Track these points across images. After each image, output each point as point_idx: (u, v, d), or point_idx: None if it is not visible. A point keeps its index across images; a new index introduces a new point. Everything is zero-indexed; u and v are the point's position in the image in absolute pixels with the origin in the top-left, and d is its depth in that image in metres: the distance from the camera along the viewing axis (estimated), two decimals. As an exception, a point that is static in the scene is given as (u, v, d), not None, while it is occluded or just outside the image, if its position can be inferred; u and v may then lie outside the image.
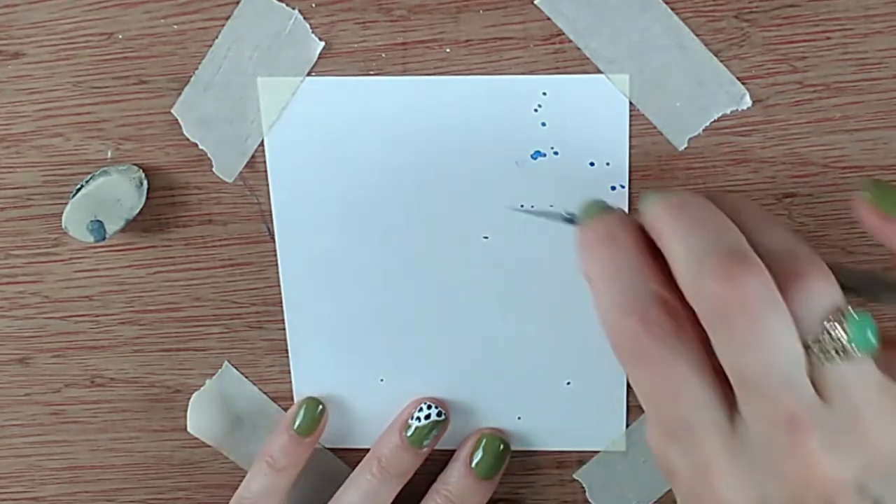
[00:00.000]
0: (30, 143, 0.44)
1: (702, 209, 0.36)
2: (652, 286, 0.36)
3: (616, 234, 0.37)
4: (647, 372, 0.36)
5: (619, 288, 0.36)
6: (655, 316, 0.35)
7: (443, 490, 0.46)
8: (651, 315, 0.35)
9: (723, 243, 0.34)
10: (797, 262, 0.35)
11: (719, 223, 0.35)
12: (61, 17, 0.42)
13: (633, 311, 0.35)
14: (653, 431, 0.38)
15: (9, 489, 0.51)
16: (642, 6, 0.40)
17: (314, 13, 0.41)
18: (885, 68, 0.40)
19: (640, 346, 0.35)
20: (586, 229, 0.38)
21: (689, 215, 0.36)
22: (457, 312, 0.45)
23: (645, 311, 0.35)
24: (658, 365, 0.35)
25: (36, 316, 0.47)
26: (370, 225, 0.44)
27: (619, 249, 0.37)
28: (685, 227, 0.35)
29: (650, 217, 0.37)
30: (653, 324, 0.35)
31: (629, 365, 0.36)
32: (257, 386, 0.48)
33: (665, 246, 0.36)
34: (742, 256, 0.34)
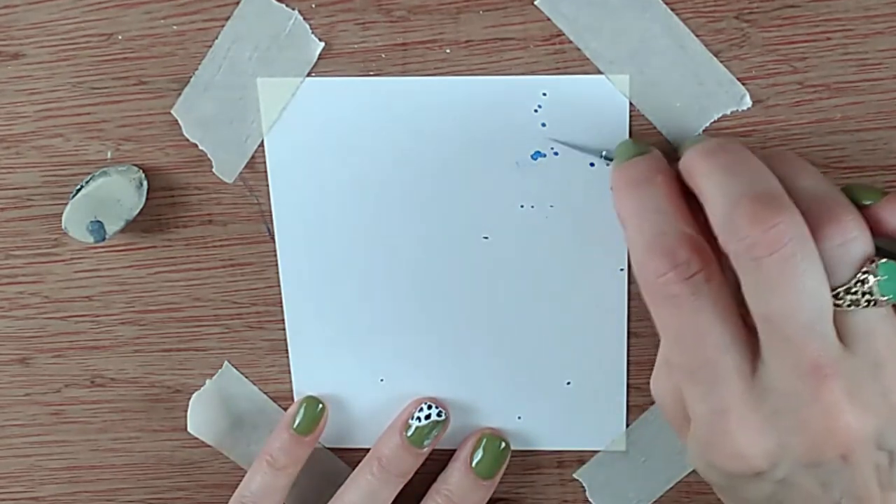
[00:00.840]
0: (30, 144, 0.44)
1: (738, 153, 0.36)
2: (682, 227, 0.36)
3: (649, 176, 0.37)
4: (673, 311, 0.36)
5: (649, 228, 0.36)
6: (684, 256, 0.35)
7: (443, 490, 0.46)
8: (679, 255, 0.35)
9: (757, 186, 0.34)
10: (832, 207, 0.35)
11: (755, 167, 0.35)
12: (61, 17, 0.42)
13: (661, 250, 0.35)
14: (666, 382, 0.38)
15: (9, 489, 0.51)
16: (642, 7, 0.40)
17: (314, 14, 0.41)
18: (886, 69, 0.40)
19: (667, 284, 0.35)
20: (620, 170, 0.38)
21: (725, 158, 0.36)
22: (457, 312, 0.45)
23: (673, 250, 0.35)
24: (683, 305, 0.35)
25: (36, 316, 0.47)
26: (370, 225, 0.44)
27: (651, 190, 0.37)
28: (721, 168, 0.36)
29: (686, 160, 0.37)
30: (681, 263, 0.35)
31: (655, 304, 0.36)
32: (257, 386, 0.48)
33: (700, 187, 0.36)
34: (776, 199, 0.34)
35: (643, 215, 0.37)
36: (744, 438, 0.36)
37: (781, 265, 0.33)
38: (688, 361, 0.36)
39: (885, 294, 0.34)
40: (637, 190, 0.37)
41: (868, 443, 0.35)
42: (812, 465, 0.35)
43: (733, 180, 0.35)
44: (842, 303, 0.34)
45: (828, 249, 0.34)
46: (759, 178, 0.35)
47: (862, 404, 0.34)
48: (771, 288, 0.34)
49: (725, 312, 0.35)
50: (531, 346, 0.46)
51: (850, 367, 0.34)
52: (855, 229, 0.35)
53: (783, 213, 0.33)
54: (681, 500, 0.48)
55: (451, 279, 0.45)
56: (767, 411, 0.35)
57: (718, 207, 0.35)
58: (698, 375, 0.36)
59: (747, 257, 0.34)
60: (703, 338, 0.35)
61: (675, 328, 0.36)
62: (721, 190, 0.35)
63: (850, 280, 0.34)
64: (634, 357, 0.45)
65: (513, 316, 0.45)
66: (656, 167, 0.38)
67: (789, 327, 0.34)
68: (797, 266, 0.33)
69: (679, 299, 0.35)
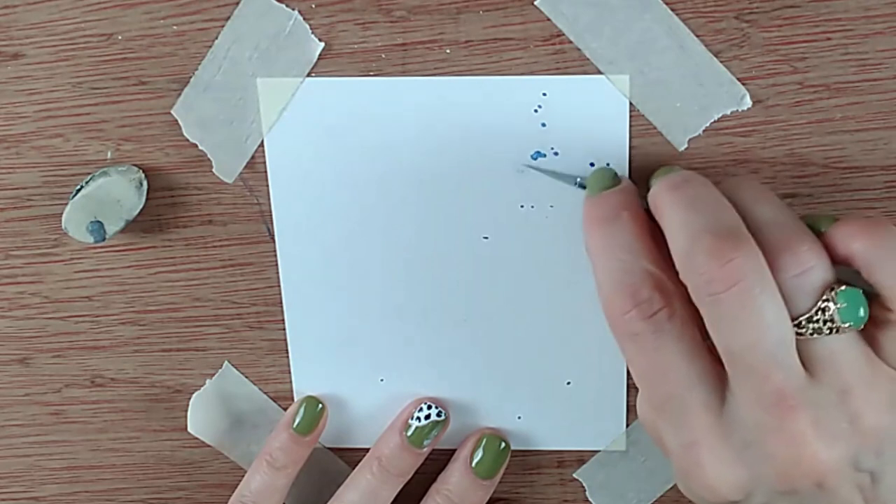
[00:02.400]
0: (30, 144, 0.44)
1: (700, 188, 0.37)
2: (645, 265, 0.37)
3: (616, 213, 0.38)
4: (636, 348, 0.36)
5: (614, 265, 0.37)
6: (646, 294, 0.36)
7: (443, 490, 0.46)
8: (642, 294, 0.36)
9: (718, 222, 0.35)
10: (789, 237, 0.35)
11: (716, 202, 0.36)
12: (61, 17, 0.42)
13: (624, 288, 0.36)
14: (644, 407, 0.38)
15: (9, 489, 0.51)
16: (642, 7, 0.40)
17: (314, 14, 0.41)
18: (886, 69, 0.40)
19: (630, 322, 0.36)
20: (589, 205, 0.39)
21: (688, 193, 0.36)
22: (457, 312, 0.45)
23: (636, 289, 0.36)
24: (647, 343, 0.36)
25: (36, 316, 0.47)
26: (370, 225, 0.44)
27: (617, 227, 0.38)
28: (681, 204, 0.36)
29: (652, 194, 0.38)
30: (643, 302, 0.36)
31: (621, 340, 0.37)
32: (257, 386, 0.48)
33: (663, 222, 0.37)
34: (735, 235, 0.34)
35: (609, 253, 0.37)
36: (715, 471, 0.36)
37: (740, 299, 0.34)
38: (655, 396, 0.37)
39: (846, 321, 0.34)
40: (603, 227, 0.38)
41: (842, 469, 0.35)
42: (787, 493, 0.35)
43: (692, 216, 0.35)
44: (804, 332, 0.35)
45: (786, 280, 0.34)
46: (718, 214, 0.35)
47: (829, 433, 0.34)
48: (731, 322, 0.34)
49: (690, 348, 0.36)
50: (531, 345, 0.46)
51: (815, 397, 0.35)
52: (812, 258, 0.35)
53: (740, 248, 0.34)
54: (681, 500, 0.48)
55: (451, 279, 0.45)
56: (737, 443, 0.36)
57: (678, 243, 0.35)
58: (666, 410, 0.37)
59: (706, 292, 0.34)
60: (667, 374, 0.36)
61: (640, 365, 0.37)
62: (681, 225, 0.36)
63: (811, 309, 0.34)
64: (634, 357, 0.45)
65: (513, 316, 0.45)
66: (624, 202, 0.38)
67: (752, 359, 0.34)
68: (755, 299, 0.34)
69: (642, 337, 0.36)
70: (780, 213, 0.37)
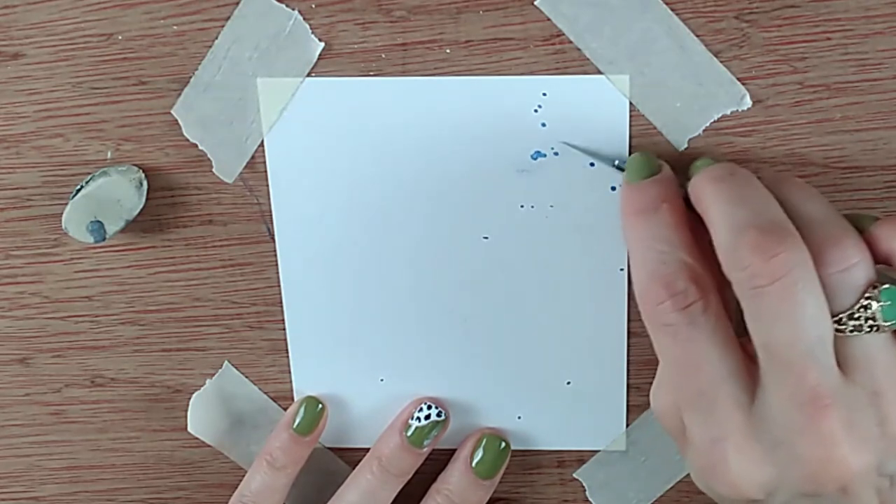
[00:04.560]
0: (30, 144, 0.44)
1: (744, 181, 0.36)
2: (682, 256, 0.36)
3: (657, 204, 0.38)
4: (670, 340, 0.36)
5: (651, 256, 0.37)
6: (682, 286, 0.36)
7: (443, 490, 0.46)
8: (678, 285, 0.36)
9: (763, 216, 0.35)
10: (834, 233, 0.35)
11: (760, 195, 0.36)
12: (61, 17, 0.42)
13: (660, 278, 0.36)
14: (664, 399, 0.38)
15: (9, 489, 0.51)
16: (642, 7, 0.40)
17: (314, 14, 0.41)
18: (886, 69, 0.40)
19: (665, 313, 0.36)
20: (628, 194, 0.39)
21: (732, 187, 0.36)
22: (457, 312, 0.45)
23: (672, 280, 0.36)
24: (680, 334, 0.36)
25: (36, 316, 0.47)
26: (370, 225, 0.44)
27: (656, 219, 0.37)
28: (727, 198, 0.36)
29: (694, 185, 0.38)
30: (679, 293, 0.36)
31: (654, 331, 0.37)
32: (257, 386, 0.48)
33: (706, 214, 0.36)
34: (781, 230, 0.34)
35: (647, 243, 0.37)
36: (740, 469, 0.36)
37: (783, 293, 0.33)
38: (686, 389, 0.37)
39: (889, 319, 0.34)
40: (642, 218, 0.38)
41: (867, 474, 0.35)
42: (810, 495, 0.35)
43: (738, 209, 0.35)
44: (844, 328, 0.34)
45: (830, 275, 0.34)
46: (764, 208, 0.35)
47: (859, 436, 0.34)
48: (772, 316, 0.34)
49: (724, 342, 0.36)
50: (531, 345, 0.46)
51: (848, 397, 0.34)
52: (857, 255, 0.35)
53: (785, 242, 0.34)
54: (681, 500, 0.48)
55: (451, 279, 0.45)
56: (765, 442, 0.35)
57: (722, 236, 0.35)
58: (696, 403, 0.36)
59: (749, 286, 0.34)
60: (700, 368, 0.36)
61: (673, 356, 0.36)
62: (726, 218, 0.35)
63: (853, 305, 0.34)
64: (634, 357, 0.45)
65: (513, 316, 0.45)
66: (664, 193, 0.38)
67: (789, 355, 0.34)
68: (798, 294, 0.33)
69: (676, 328, 0.36)
70: (825, 210, 0.36)
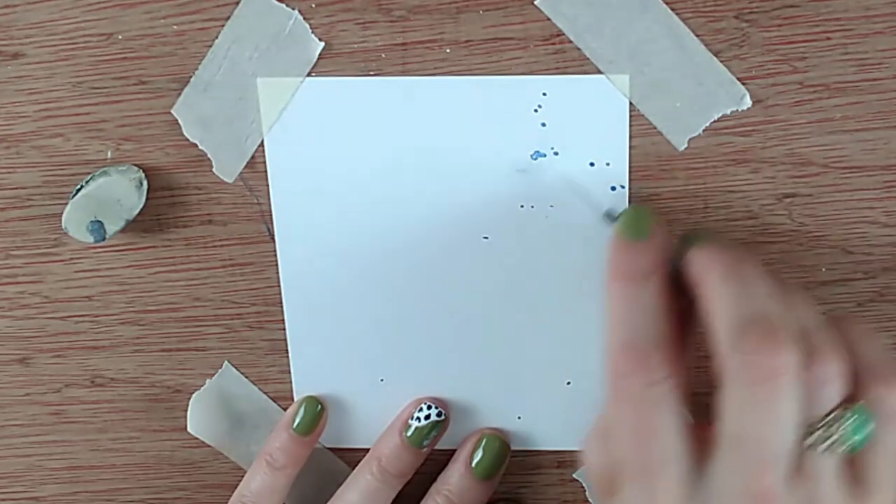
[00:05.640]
0: (30, 144, 0.44)
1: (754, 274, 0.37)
2: (661, 331, 0.37)
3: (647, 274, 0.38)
4: (630, 409, 0.37)
5: (630, 325, 0.37)
6: (654, 361, 0.36)
7: (443, 490, 0.46)
8: (651, 360, 0.36)
9: (770, 313, 0.35)
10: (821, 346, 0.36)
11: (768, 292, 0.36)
12: (61, 17, 0.42)
13: (634, 350, 0.37)
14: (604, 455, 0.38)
15: (9, 489, 0.51)
16: (642, 7, 0.40)
17: (314, 13, 0.41)
18: (886, 68, 0.40)
19: (632, 385, 0.36)
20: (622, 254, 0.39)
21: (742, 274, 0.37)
22: (457, 312, 0.45)
23: (646, 355, 0.37)
24: (642, 407, 0.36)
25: (36, 316, 0.47)
26: (370, 225, 0.44)
27: (645, 290, 0.38)
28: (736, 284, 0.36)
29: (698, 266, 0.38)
30: (651, 370, 0.36)
31: (616, 398, 0.37)
32: (257, 386, 0.48)
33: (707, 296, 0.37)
34: (787, 332, 0.35)
35: (628, 312, 0.38)
36: None
37: (773, 393, 0.34)
38: (634, 458, 0.37)
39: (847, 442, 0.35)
40: (630, 285, 0.38)
41: None
42: None
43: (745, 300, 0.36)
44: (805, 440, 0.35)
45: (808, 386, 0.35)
46: (771, 304, 0.36)
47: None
48: (752, 411, 0.34)
49: (681, 422, 0.36)
50: (531, 346, 0.46)
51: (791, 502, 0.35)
52: (838, 374, 0.36)
53: (789, 346, 0.34)
54: (681, 500, 0.48)
55: (451, 279, 0.45)
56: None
57: (725, 320, 0.36)
58: (641, 474, 0.37)
59: (744, 374, 0.35)
60: (653, 441, 0.36)
61: (630, 425, 0.37)
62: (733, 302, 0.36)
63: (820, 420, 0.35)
64: (634, 357, 0.45)
65: (513, 316, 0.45)
66: (655, 262, 0.38)
67: (756, 451, 0.34)
68: (786, 399, 0.34)
69: (639, 399, 0.36)
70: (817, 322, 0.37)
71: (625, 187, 0.42)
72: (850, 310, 0.45)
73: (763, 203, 0.43)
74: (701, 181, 0.43)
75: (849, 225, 0.43)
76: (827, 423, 0.35)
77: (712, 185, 0.43)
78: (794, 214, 0.43)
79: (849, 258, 0.44)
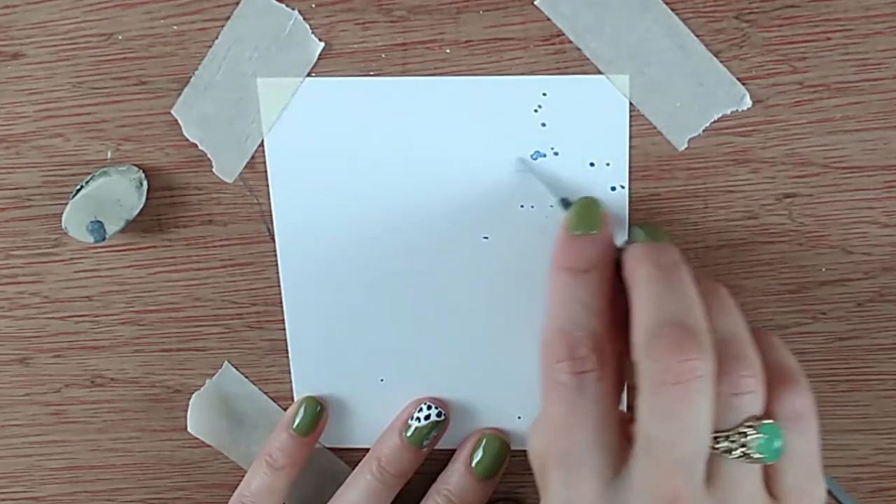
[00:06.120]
0: (30, 144, 0.44)
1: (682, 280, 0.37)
2: (594, 324, 0.37)
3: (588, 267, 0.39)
4: (557, 397, 0.37)
5: (565, 314, 0.38)
6: (584, 352, 0.37)
7: (443, 490, 0.46)
8: (580, 350, 0.37)
9: (689, 319, 0.35)
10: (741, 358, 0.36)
11: (692, 299, 0.36)
12: (61, 17, 0.42)
13: (566, 338, 0.37)
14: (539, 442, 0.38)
15: (9, 489, 0.51)
16: (642, 7, 0.40)
17: (314, 14, 0.41)
18: (886, 69, 0.40)
19: (560, 372, 0.37)
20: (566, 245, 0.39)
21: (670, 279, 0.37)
22: (457, 312, 0.45)
23: (577, 343, 0.37)
24: (566, 396, 0.37)
25: (36, 316, 0.47)
26: (370, 225, 0.44)
27: (583, 282, 0.38)
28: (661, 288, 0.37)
29: (633, 260, 0.38)
30: (578, 358, 0.37)
31: (545, 384, 0.38)
32: (257, 386, 0.48)
33: (635, 293, 0.37)
34: (701, 338, 0.35)
35: (565, 301, 0.38)
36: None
37: (682, 397, 0.34)
38: (555, 445, 0.37)
39: (761, 453, 0.35)
40: (569, 275, 0.38)
41: None
42: None
43: (667, 302, 0.36)
44: (718, 448, 0.35)
45: (722, 394, 0.35)
46: (691, 311, 0.36)
47: None
48: (665, 414, 0.35)
49: (604, 415, 0.36)
50: (531, 346, 0.45)
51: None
52: (753, 385, 0.36)
53: (701, 351, 0.34)
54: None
55: (451, 279, 0.45)
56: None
57: (646, 320, 0.36)
58: (560, 461, 0.37)
59: (654, 378, 0.35)
60: (574, 431, 0.36)
61: (553, 415, 0.37)
62: (655, 306, 0.36)
63: (732, 429, 0.35)
64: (634, 357, 0.45)
65: (513, 316, 0.45)
66: (597, 256, 0.39)
67: (667, 455, 0.35)
68: (695, 403, 0.34)
69: (565, 388, 0.37)
70: (740, 331, 0.37)
71: (625, 187, 0.43)
72: (849, 310, 0.45)
73: (763, 203, 0.43)
74: (701, 181, 0.43)
75: (849, 225, 0.43)
76: (741, 432, 0.35)
77: (712, 185, 0.43)
78: (794, 214, 0.43)
79: (849, 258, 0.44)
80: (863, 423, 0.47)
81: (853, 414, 0.47)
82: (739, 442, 0.35)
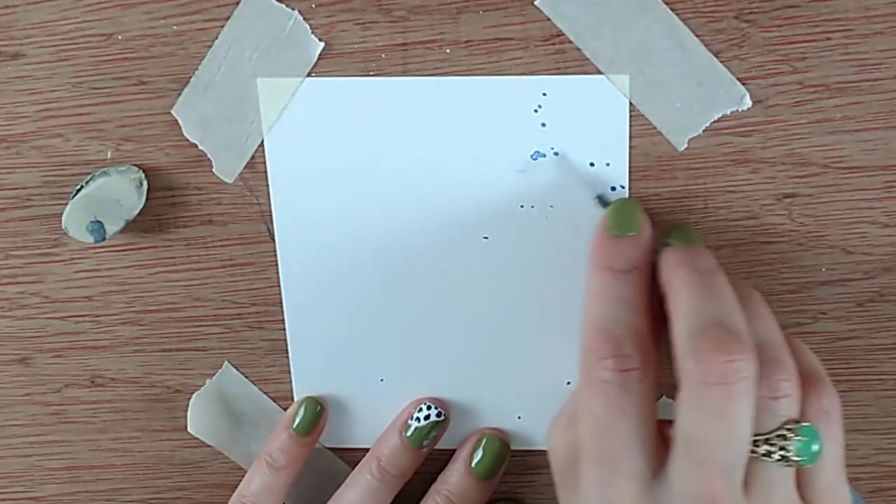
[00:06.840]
0: (30, 144, 0.44)
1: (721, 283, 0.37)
2: (637, 324, 0.37)
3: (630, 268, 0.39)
4: (598, 395, 0.37)
5: (608, 312, 0.38)
6: (628, 350, 0.37)
7: (443, 490, 0.46)
8: (625, 347, 0.37)
9: (729, 318, 0.36)
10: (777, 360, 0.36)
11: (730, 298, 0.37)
12: (61, 17, 0.42)
13: (610, 336, 0.37)
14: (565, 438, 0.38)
15: (9, 489, 0.51)
16: (642, 7, 0.40)
17: (314, 14, 0.41)
18: (886, 69, 0.40)
19: (603, 369, 0.37)
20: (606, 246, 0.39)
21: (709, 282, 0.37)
22: (457, 312, 0.45)
23: (621, 341, 0.37)
24: (610, 394, 0.37)
25: (36, 316, 0.47)
26: (370, 225, 0.44)
27: (624, 281, 0.38)
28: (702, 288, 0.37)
29: (670, 266, 0.38)
30: (623, 355, 0.37)
31: (586, 383, 0.38)
32: (257, 386, 0.48)
33: (674, 297, 0.37)
34: (742, 336, 0.35)
35: (607, 300, 0.38)
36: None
37: (725, 398, 0.34)
38: (595, 443, 0.37)
39: (799, 456, 0.35)
40: (611, 275, 0.39)
41: None
42: None
43: (709, 304, 0.36)
44: (758, 451, 0.35)
45: (761, 398, 0.35)
46: (733, 311, 0.36)
47: None
48: (706, 415, 0.35)
49: (645, 416, 0.36)
50: (531, 345, 0.46)
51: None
52: (791, 389, 0.36)
53: (745, 353, 0.35)
54: (681, 500, 0.48)
55: (451, 279, 0.45)
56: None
57: (688, 322, 0.36)
58: (600, 460, 0.37)
59: (698, 379, 0.35)
60: (616, 431, 0.36)
61: (595, 412, 0.37)
62: (695, 307, 0.36)
63: (772, 432, 0.36)
64: (634, 357, 0.45)
65: (513, 316, 0.45)
66: (638, 258, 0.39)
67: (708, 457, 0.35)
68: (738, 404, 0.34)
69: (608, 387, 0.36)
70: (776, 335, 0.38)
71: (625, 187, 0.43)
72: (850, 310, 0.45)
73: (763, 203, 0.43)
74: (701, 181, 0.43)
75: (849, 225, 0.43)
76: (780, 435, 0.35)
77: (712, 185, 0.43)
78: (794, 214, 0.43)
79: (849, 258, 0.44)
80: (863, 423, 0.47)
81: (853, 414, 0.47)
82: (779, 445, 0.35)
